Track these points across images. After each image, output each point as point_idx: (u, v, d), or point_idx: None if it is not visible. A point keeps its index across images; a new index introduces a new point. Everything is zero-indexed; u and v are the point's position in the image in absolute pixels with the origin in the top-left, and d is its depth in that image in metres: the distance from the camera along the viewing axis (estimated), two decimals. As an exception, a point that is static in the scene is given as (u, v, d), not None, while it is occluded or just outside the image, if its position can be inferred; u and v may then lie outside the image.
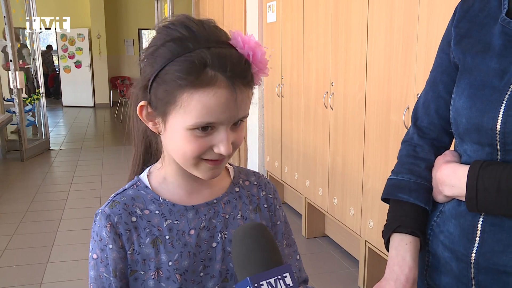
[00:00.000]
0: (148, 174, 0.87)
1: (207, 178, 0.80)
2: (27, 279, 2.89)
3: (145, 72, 0.76)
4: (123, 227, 0.81)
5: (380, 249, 2.54)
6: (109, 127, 9.12)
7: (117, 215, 0.81)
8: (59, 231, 3.66)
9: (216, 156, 0.76)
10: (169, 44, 0.73)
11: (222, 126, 0.74)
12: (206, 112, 0.72)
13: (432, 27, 2.02)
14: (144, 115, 0.79)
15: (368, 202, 2.63)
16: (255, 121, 4.54)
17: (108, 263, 0.80)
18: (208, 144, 0.75)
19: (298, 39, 3.47)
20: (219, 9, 5.58)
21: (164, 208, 0.83)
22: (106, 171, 5.54)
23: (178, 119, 0.74)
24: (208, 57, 0.71)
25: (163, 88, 0.73)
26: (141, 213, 0.82)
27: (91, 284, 0.82)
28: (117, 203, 0.82)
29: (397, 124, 2.31)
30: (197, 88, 0.71)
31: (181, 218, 0.83)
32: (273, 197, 0.93)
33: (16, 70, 5.85)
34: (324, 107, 3.09)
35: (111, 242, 0.80)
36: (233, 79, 0.72)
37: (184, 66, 0.71)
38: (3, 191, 4.74)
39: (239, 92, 0.73)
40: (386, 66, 2.37)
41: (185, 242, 0.82)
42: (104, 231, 0.80)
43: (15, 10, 6.12)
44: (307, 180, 3.45)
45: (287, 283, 0.67)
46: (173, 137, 0.76)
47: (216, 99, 0.71)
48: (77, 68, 11.79)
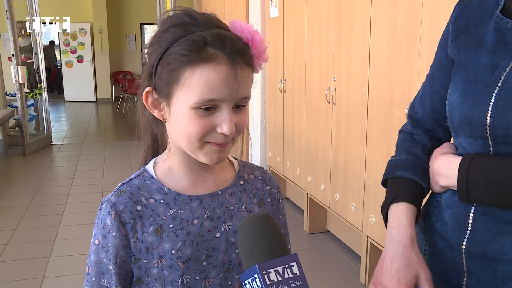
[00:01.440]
0: (154, 165, 0.89)
1: (212, 162, 0.81)
2: (29, 273, 2.89)
3: (150, 59, 0.80)
4: (127, 216, 0.82)
5: (382, 245, 2.54)
6: (111, 122, 9.12)
7: (123, 204, 0.83)
8: (61, 226, 3.66)
9: (220, 139, 0.78)
10: (172, 29, 0.77)
11: (224, 105, 0.76)
12: (208, 89, 0.74)
13: (435, 22, 2.01)
14: (150, 102, 0.81)
15: (370, 197, 2.63)
16: (257, 117, 4.53)
17: (109, 250, 0.82)
18: (211, 124, 0.77)
19: (301, 34, 3.46)
20: (221, 4, 5.57)
21: (169, 197, 0.85)
22: (108, 165, 5.55)
23: (181, 99, 0.76)
24: (208, 36, 0.75)
25: (167, 69, 0.77)
26: (146, 202, 0.84)
27: (90, 268, 0.85)
28: (123, 192, 0.84)
29: (399, 119, 2.30)
30: (198, 64, 0.74)
31: (186, 207, 0.84)
32: (276, 192, 0.96)
33: (18, 64, 5.85)
34: (327, 102, 3.08)
35: (114, 230, 0.82)
36: (233, 55, 0.75)
37: (186, 45, 0.75)
38: (5, 186, 4.75)
39: (239, 69, 0.76)
40: (389, 61, 2.36)
41: (188, 231, 0.83)
42: (109, 219, 0.82)
43: (17, 4, 6.11)
44: (309, 176, 3.45)
45: (294, 272, 0.67)
46: (177, 120, 0.79)
47: (216, 74, 0.74)
48: (79, 63, 11.79)
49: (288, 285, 0.66)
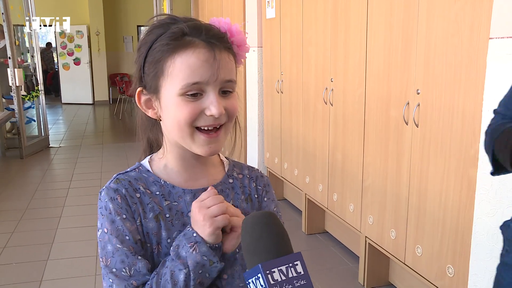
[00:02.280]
0: (149, 161, 0.92)
1: (206, 153, 0.83)
2: (27, 277, 2.89)
3: (138, 62, 0.85)
4: (130, 200, 0.84)
5: (380, 245, 2.54)
6: (108, 124, 9.11)
7: (124, 189, 0.85)
8: (59, 229, 3.65)
9: (210, 121, 0.81)
10: (154, 30, 0.83)
11: (209, 88, 0.80)
12: (190, 72, 0.78)
13: (432, 22, 2.01)
14: (143, 102, 0.86)
15: (368, 198, 2.63)
16: (254, 117, 4.53)
17: (119, 234, 0.82)
18: (199, 108, 0.80)
19: (298, 35, 3.46)
20: (218, 5, 5.56)
21: (165, 189, 0.87)
22: (105, 168, 5.54)
23: (168, 89, 0.80)
24: (185, 27, 0.80)
25: (151, 64, 0.81)
26: (144, 191, 0.86)
27: (108, 259, 0.82)
28: (122, 180, 0.87)
29: (396, 120, 2.30)
30: (178, 51, 0.79)
31: (179, 200, 0.87)
32: (262, 189, 0.97)
33: (15, 67, 5.83)
34: (324, 103, 3.08)
35: (123, 212, 0.83)
36: (209, 39, 0.80)
37: (166, 37, 0.80)
38: (2, 189, 4.73)
39: (218, 51, 0.80)
40: (386, 62, 2.36)
41: (184, 222, 0.86)
42: (115, 203, 0.83)
43: (13, 6, 6.09)
44: (307, 176, 3.45)
45: (298, 271, 0.66)
46: (167, 111, 0.82)
47: (196, 57, 0.79)
48: (76, 65, 11.76)
49: (292, 285, 0.65)
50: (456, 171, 1.94)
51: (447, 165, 1.98)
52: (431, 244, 2.12)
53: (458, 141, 1.91)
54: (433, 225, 2.10)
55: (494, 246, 1.74)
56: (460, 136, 1.90)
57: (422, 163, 2.14)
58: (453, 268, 2.00)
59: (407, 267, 2.33)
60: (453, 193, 1.97)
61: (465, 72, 1.84)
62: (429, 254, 2.14)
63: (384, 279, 2.74)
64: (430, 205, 2.12)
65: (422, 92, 2.10)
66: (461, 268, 1.95)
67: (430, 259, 2.14)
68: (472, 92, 1.81)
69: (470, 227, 1.87)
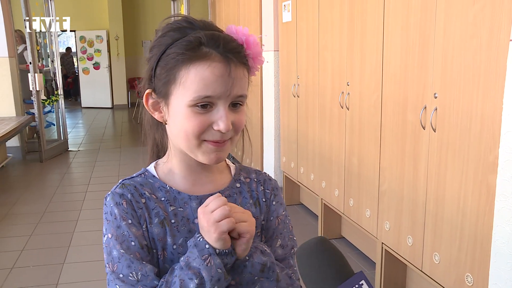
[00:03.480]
0: (155, 166, 0.92)
1: (211, 161, 0.83)
2: (44, 280, 2.91)
3: (150, 62, 0.83)
4: (136, 205, 0.84)
5: (397, 252, 2.49)
6: (126, 128, 9.19)
7: (130, 194, 0.84)
8: (75, 232, 3.68)
9: (217, 136, 0.80)
10: (170, 33, 0.81)
11: (220, 103, 0.79)
12: (203, 85, 0.77)
13: (449, 25, 1.97)
14: (150, 104, 0.85)
15: (384, 203, 2.59)
16: (270, 122, 4.52)
17: (125, 239, 0.81)
18: (208, 121, 0.79)
19: (314, 38, 3.44)
20: (235, 9, 5.57)
21: (170, 195, 0.87)
22: (123, 172, 5.58)
23: (178, 98, 0.79)
24: (203, 37, 0.78)
25: (164, 69, 0.80)
26: (149, 196, 0.86)
27: (115, 264, 0.81)
28: (127, 185, 0.86)
29: (413, 124, 2.26)
30: (193, 62, 0.77)
31: (185, 206, 0.86)
32: (270, 193, 0.95)
33: (35, 72, 5.92)
34: (340, 107, 3.04)
35: (129, 217, 0.83)
36: (226, 53, 0.78)
37: (182, 45, 0.78)
38: (22, 192, 4.80)
39: (233, 66, 0.78)
40: (403, 65, 2.32)
41: (190, 229, 0.85)
42: (120, 208, 0.83)
43: (35, 13, 6.20)
44: (323, 181, 3.41)
45: None
46: (175, 119, 0.81)
47: (211, 71, 0.77)
48: (95, 70, 11.93)
49: None
50: (474, 177, 1.89)
51: (465, 170, 1.93)
52: (449, 252, 2.07)
53: (476, 146, 1.86)
54: (451, 232, 2.05)
55: (515, 254, 1.68)
56: (479, 141, 1.85)
57: (440, 168, 2.09)
58: (472, 277, 1.94)
59: (424, 275, 2.28)
60: (471, 200, 1.91)
61: (484, 75, 1.80)
62: (447, 262, 2.09)
63: (401, 286, 2.69)
64: (447, 211, 2.07)
65: (439, 96, 2.06)
66: (481, 277, 1.89)
67: (448, 267, 2.09)
68: (491, 95, 1.76)
69: (489, 235, 1.82)
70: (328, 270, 0.70)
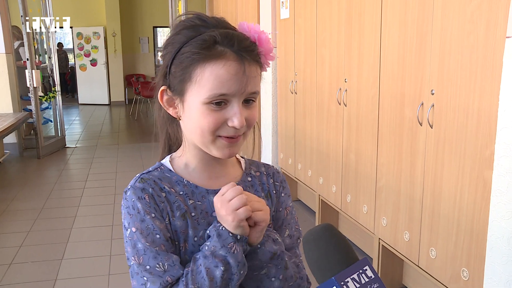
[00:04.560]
0: (170, 160, 0.93)
1: (224, 156, 0.85)
2: (42, 275, 2.92)
3: (165, 60, 0.85)
4: (158, 199, 0.85)
5: (394, 247, 2.51)
6: (124, 124, 9.18)
7: (151, 188, 0.86)
8: (73, 228, 3.69)
9: (231, 132, 0.82)
10: (184, 31, 0.83)
11: (235, 100, 0.81)
12: (218, 83, 0.79)
13: (446, 21, 1.98)
14: (165, 101, 0.87)
15: (381, 199, 2.60)
16: (268, 118, 4.52)
17: (150, 233, 0.82)
18: (222, 118, 0.81)
19: (312, 35, 3.45)
20: (233, 6, 5.57)
21: (188, 189, 0.88)
22: (120, 168, 5.58)
23: (194, 96, 0.81)
24: (217, 35, 0.80)
25: (180, 67, 0.82)
26: (169, 190, 0.87)
27: (140, 257, 0.82)
28: (147, 179, 0.87)
29: (411, 120, 2.27)
30: (209, 61, 0.79)
31: (203, 200, 0.88)
32: (279, 185, 0.99)
33: (33, 68, 5.91)
34: (338, 103, 3.06)
35: (152, 211, 0.84)
36: (241, 52, 0.80)
37: (197, 44, 0.80)
38: (19, 188, 4.80)
39: (247, 65, 0.80)
40: (400, 62, 2.34)
41: (209, 221, 0.86)
42: (143, 202, 0.84)
43: (32, 9, 6.18)
44: (321, 177, 3.43)
45: (369, 275, 0.70)
46: (190, 115, 0.83)
47: (226, 70, 0.79)
48: (92, 66, 11.91)
49: None
50: (471, 172, 1.90)
51: (462, 166, 1.95)
52: (446, 247, 2.09)
53: (473, 142, 1.88)
54: (448, 227, 2.07)
55: (510, 249, 1.70)
56: (475, 137, 1.86)
57: (437, 164, 2.11)
58: (467, 272, 1.96)
59: (421, 270, 2.30)
60: (467, 195, 1.93)
61: (481, 72, 1.81)
62: (443, 257, 2.11)
63: (398, 281, 2.71)
64: (444, 207, 2.08)
65: (436, 92, 2.07)
66: (476, 271, 1.91)
67: (445, 262, 2.11)
68: (488, 92, 1.78)
69: (485, 230, 1.84)
70: (334, 255, 0.72)
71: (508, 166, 1.68)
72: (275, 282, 0.86)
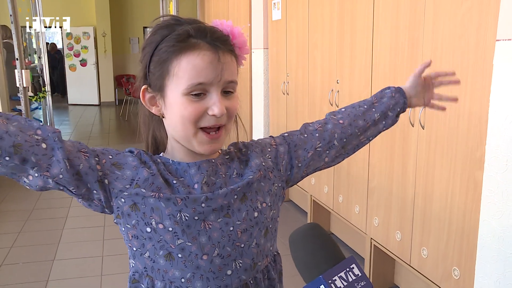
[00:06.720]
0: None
1: (206, 151, 0.87)
2: (34, 277, 2.90)
3: (143, 60, 0.88)
4: (146, 159, 0.89)
5: (386, 247, 2.54)
6: (114, 125, 9.14)
7: (138, 151, 0.91)
8: (65, 229, 3.68)
9: (212, 121, 0.84)
10: (159, 31, 0.86)
11: (213, 89, 0.83)
12: (195, 73, 0.82)
13: (438, 24, 2.01)
14: (147, 100, 0.89)
15: (373, 199, 2.63)
16: (260, 119, 4.54)
17: (105, 150, 0.88)
18: (203, 107, 0.83)
19: (304, 36, 3.47)
20: (224, 7, 5.58)
21: (172, 168, 0.90)
22: (111, 169, 5.55)
23: (173, 89, 0.84)
24: (190, 29, 0.83)
25: (157, 64, 0.85)
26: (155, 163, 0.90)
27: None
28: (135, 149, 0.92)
29: (402, 122, 2.30)
30: (184, 52, 0.82)
31: (185, 174, 0.89)
32: (254, 146, 0.99)
33: (22, 68, 5.86)
34: (330, 104, 3.08)
35: (136, 160, 0.88)
36: (214, 42, 0.83)
37: (171, 39, 0.83)
38: (9, 189, 4.76)
39: (222, 54, 0.83)
40: (392, 63, 2.36)
41: (189, 192, 0.87)
42: (127, 154, 0.90)
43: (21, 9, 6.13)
44: (312, 178, 3.45)
45: (356, 273, 0.71)
46: (172, 109, 0.85)
47: (201, 59, 0.82)
48: (82, 67, 11.82)
49: None
50: (462, 173, 1.93)
51: (453, 167, 1.98)
52: (437, 246, 2.12)
53: (464, 143, 1.91)
54: (439, 227, 2.10)
55: (500, 248, 1.73)
56: (466, 138, 1.89)
57: (428, 165, 2.14)
58: (459, 270, 1.99)
59: (412, 269, 2.32)
60: (459, 195, 1.96)
61: (472, 74, 1.84)
62: (435, 256, 2.14)
63: (390, 281, 2.74)
64: (435, 207, 2.11)
65: (428, 94, 2.10)
66: (467, 270, 1.94)
67: (436, 261, 2.13)
68: (479, 94, 1.81)
69: (476, 229, 1.87)
70: (321, 254, 0.72)
71: (498, 167, 1.71)
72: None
